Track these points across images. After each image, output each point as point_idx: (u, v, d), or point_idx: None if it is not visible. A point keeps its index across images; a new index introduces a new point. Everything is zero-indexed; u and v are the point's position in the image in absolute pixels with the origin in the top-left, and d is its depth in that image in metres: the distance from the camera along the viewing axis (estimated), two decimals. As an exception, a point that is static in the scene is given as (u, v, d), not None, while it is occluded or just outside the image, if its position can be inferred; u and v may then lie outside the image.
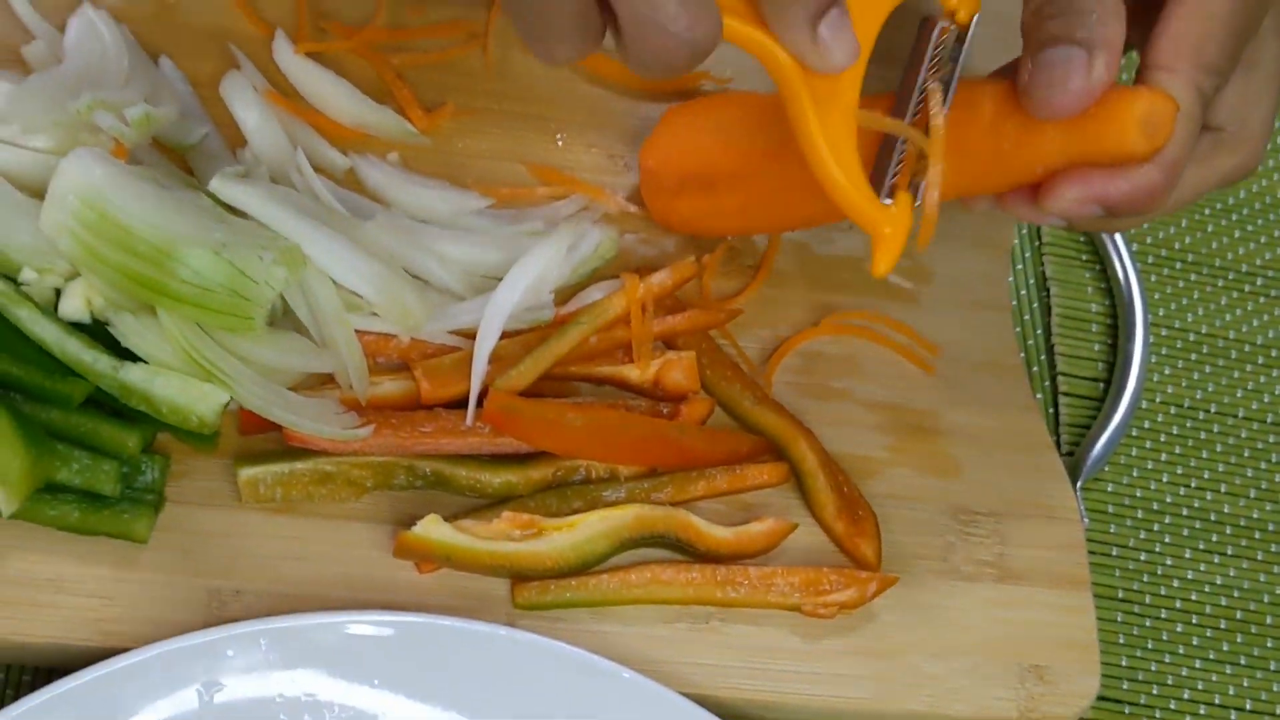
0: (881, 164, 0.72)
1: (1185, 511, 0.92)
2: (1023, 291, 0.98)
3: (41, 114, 0.79)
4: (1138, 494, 0.93)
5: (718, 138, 0.84)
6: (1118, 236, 0.99)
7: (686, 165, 0.85)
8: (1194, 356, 0.98)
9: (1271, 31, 0.75)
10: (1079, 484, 0.90)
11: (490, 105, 0.92)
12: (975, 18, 0.72)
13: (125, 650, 0.71)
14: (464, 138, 0.90)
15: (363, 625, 0.74)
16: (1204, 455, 0.95)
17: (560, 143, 0.92)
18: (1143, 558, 0.91)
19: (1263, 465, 0.94)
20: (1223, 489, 0.93)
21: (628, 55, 0.62)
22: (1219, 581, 0.90)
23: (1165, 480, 0.93)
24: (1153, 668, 0.88)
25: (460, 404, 0.79)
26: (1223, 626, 0.89)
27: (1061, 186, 0.71)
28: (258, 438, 0.79)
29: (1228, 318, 1.00)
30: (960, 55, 0.73)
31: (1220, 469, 0.94)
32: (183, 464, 0.78)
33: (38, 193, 0.78)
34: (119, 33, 0.86)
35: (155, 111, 0.79)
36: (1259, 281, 1.01)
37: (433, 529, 0.76)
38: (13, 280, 0.75)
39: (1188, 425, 0.96)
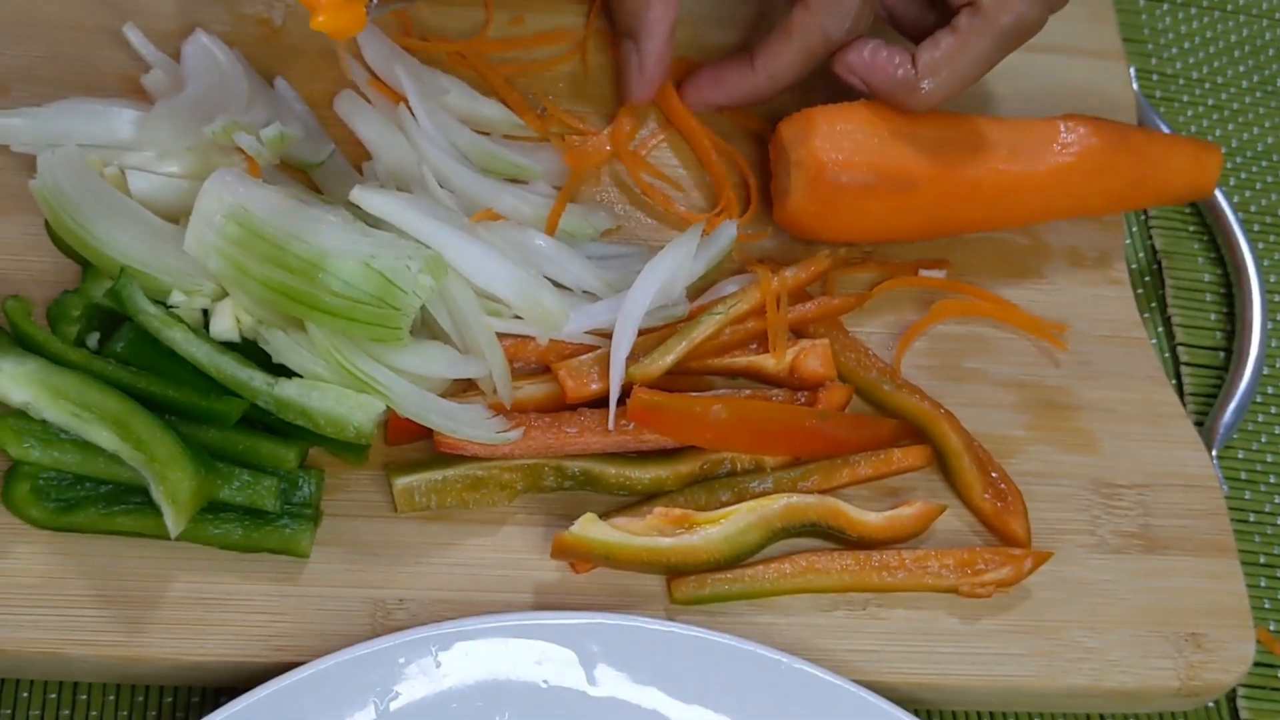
0: None
1: (1318, 474, 0.92)
2: (1133, 265, 0.98)
3: (174, 139, 0.80)
4: (1269, 459, 0.92)
5: (896, 143, 0.85)
6: (1226, 208, 0.98)
7: (871, 163, 0.85)
8: (1310, 321, 0.98)
9: None
10: (1213, 451, 0.89)
11: (588, 109, 0.93)
12: None
13: (296, 664, 0.71)
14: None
15: (528, 626, 0.74)
16: (1330, 418, 0.95)
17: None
18: (1280, 522, 0.91)
19: (1390, 425, 0.94)
20: (1354, 450, 0.93)
21: None
22: (1360, 542, 0.90)
23: (1295, 445, 0.93)
24: (1301, 631, 0.87)
25: (603, 402, 0.79)
26: (1369, 586, 0.89)
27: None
28: (405, 448, 0.79)
29: (1339, 281, 1.00)
30: None
31: (1349, 430, 0.94)
32: (335, 478, 0.78)
33: (172, 218, 0.79)
34: (234, 57, 0.87)
35: (288, 131, 0.80)
36: (1367, 244, 1.01)
37: (590, 528, 0.76)
38: (162, 304, 0.76)
39: (1311, 389, 0.96)
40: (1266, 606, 0.88)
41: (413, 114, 0.86)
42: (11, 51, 0.87)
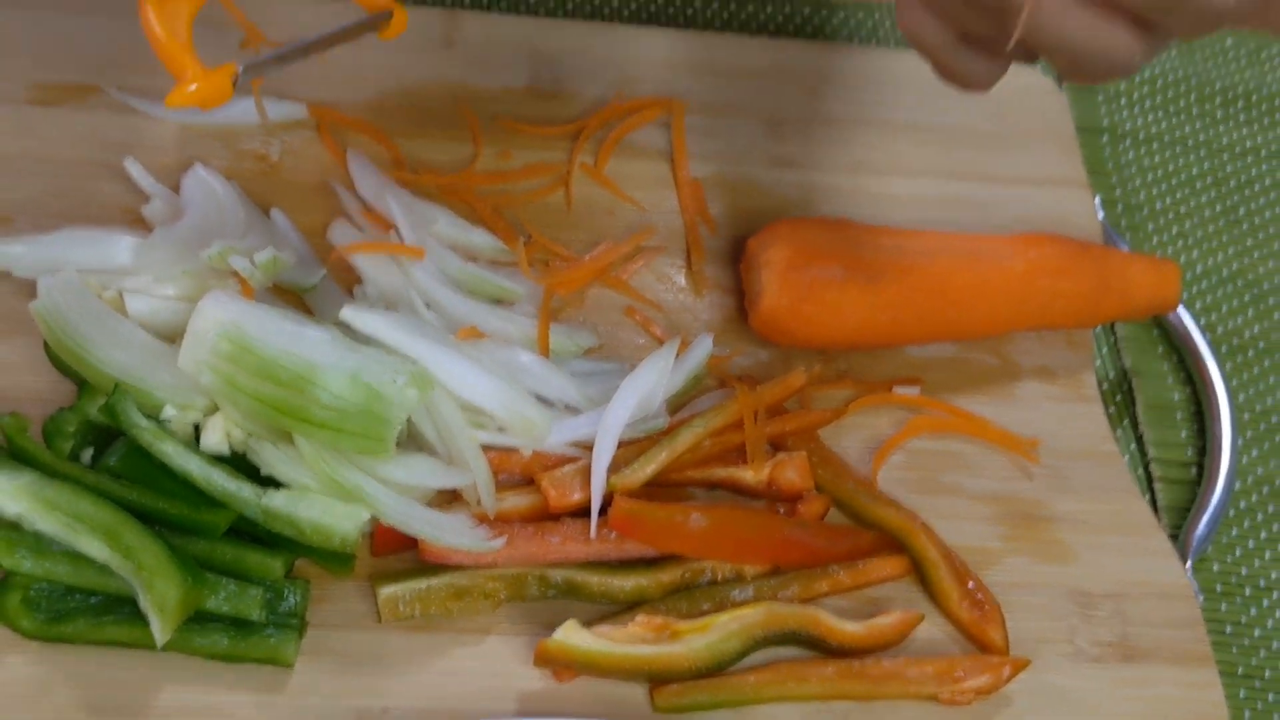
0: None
1: (1292, 587, 0.94)
2: (1104, 384, 1.00)
3: (172, 264, 0.83)
4: (1243, 571, 0.94)
5: (860, 245, 0.89)
6: (1194, 328, 1.01)
7: (837, 258, 0.88)
8: (1278, 438, 1.00)
9: None
10: (1188, 563, 0.91)
11: (571, 237, 0.96)
12: None
13: (280, 773, 0.72)
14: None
15: (511, 735, 0.74)
16: (1302, 532, 0.96)
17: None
18: (1256, 634, 0.91)
19: (1362, 538, 0.96)
20: (1327, 563, 0.95)
21: None
22: (1337, 652, 0.91)
23: (1268, 557, 0.95)
24: (1282, 742, 0.88)
25: (586, 512, 0.81)
26: (1348, 696, 0.90)
27: None
28: (390, 558, 0.81)
29: (1307, 400, 1.02)
30: None
31: (1321, 544, 0.95)
32: (320, 588, 0.79)
33: (168, 337, 0.82)
34: (231, 188, 0.90)
35: (281, 256, 0.83)
36: (1332, 364, 1.04)
37: (572, 635, 0.77)
38: (155, 419, 0.78)
39: (1282, 504, 0.97)
40: (1246, 717, 0.88)
41: (402, 241, 0.89)
42: (16, 185, 0.91)
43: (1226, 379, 1.00)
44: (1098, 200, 1.06)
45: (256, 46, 0.82)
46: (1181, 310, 1.02)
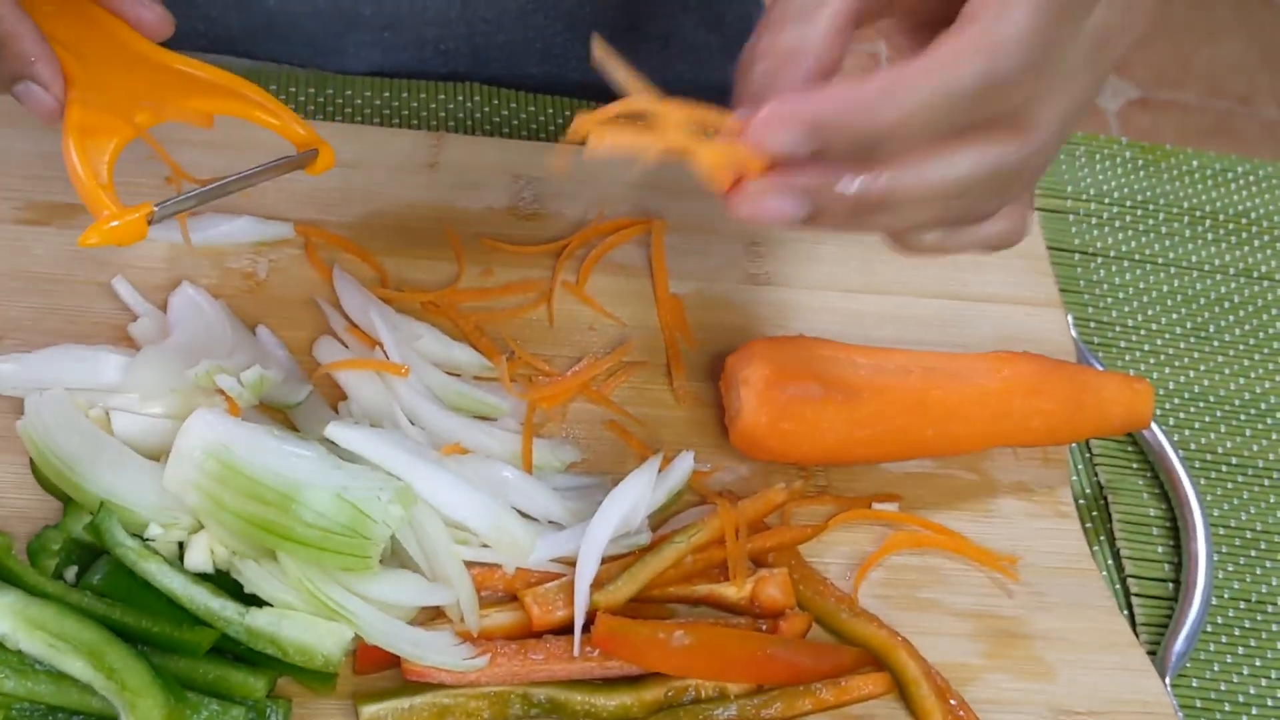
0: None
1: (1270, 702, 0.94)
2: (1080, 501, 1.01)
3: (159, 382, 0.84)
4: (1222, 688, 0.94)
5: (836, 362, 0.91)
6: (1167, 445, 1.03)
7: (814, 375, 0.90)
8: (1253, 553, 1.01)
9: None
10: (1167, 679, 0.91)
11: (553, 353, 0.97)
12: None
13: None
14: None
15: None
16: (1279, 647, 0.97)
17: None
18: (1237, 750, 0.92)
19: (1339, 653, 0.97)
20: (1304, 678, 0.95)
21: None
22: (1317, 769, 0.91)
23: (1246, 673, 0.95)
24: None
25: (569, 629, 0.81)
26: (1329, 813, 0.90)
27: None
28: (373, 676, 0.81)
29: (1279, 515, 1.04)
30: None
31: (1298, 659, 0.96)
32: (302, 706, 0.79)
33: (154, 455, 0.83)
34: (218, 307, 0.91)
35: (268, 374, 0.84)
36: (1304, 481, 1.05)
37: (555, 755, 0.77)
38: (139, 537, 0.78)
39: (1258, 619, 0.98)
40: (1230, 835, 0.88)
41: (387, 357, 0.90)
42: (5, 303, 0.92)
43: (1200, 495, 1.02)
44: (1070, 318, 1.09)
45: (179, 184, 0.83)
46: (1154, 427, 1.04)
